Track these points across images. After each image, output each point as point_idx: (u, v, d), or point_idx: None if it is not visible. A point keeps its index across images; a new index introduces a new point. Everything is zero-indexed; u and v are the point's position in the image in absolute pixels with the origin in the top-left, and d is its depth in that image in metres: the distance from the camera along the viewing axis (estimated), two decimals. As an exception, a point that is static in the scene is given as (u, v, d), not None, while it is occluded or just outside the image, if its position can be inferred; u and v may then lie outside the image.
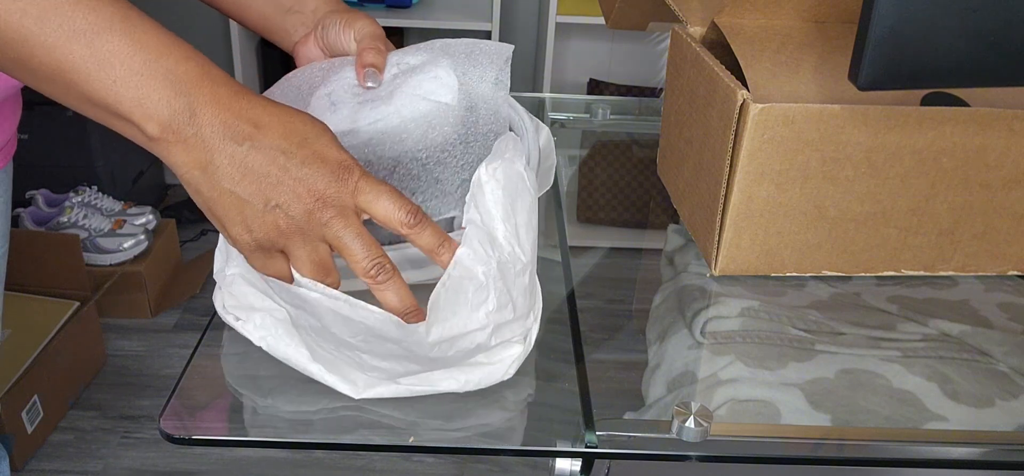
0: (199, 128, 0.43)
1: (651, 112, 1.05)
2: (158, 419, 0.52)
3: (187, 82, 0.43)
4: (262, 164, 0.44)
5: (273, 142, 0.44)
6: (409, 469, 1.53)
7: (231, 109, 0.43)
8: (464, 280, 0.49)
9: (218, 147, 0.43)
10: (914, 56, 0.52)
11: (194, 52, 0.44)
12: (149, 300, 1.88)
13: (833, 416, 0.55)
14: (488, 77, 0.60)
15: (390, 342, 0.49)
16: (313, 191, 0.44)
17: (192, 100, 0.43)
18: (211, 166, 0.43)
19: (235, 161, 0.43)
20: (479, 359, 0.54)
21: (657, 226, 0.82)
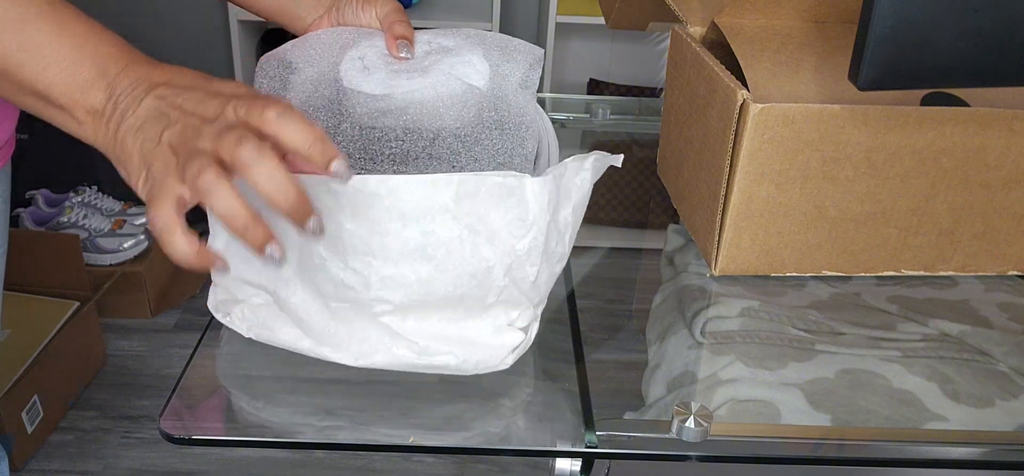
0: (115, 99, 0.44)
1: (651, 112, 1.04)
2: (158, 419, 0.52)
3: (110, 62, 0.44)
4: (161, 108, 0.43)
5: (176, 90, 0.44)
6: (409, 469, 1.53)
7: (146, 77, 0.44)
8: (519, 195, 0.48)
9: (129, 107, 0.44)
10: (914, 56, 0.52)
11: (117, 38, 0.46)
12: (149, 300, 1.88)
13: (833, 416, 0.55)
14: (517, 74, 0.61)
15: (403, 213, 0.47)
16: (204, 116, 0.42)
17: (111, 79, 0.44)
18: (121, 127, 0.44)
19: (139, 114, 0.43)
20: (481, 337, 0.53)
21: (657, 226, 0.82)
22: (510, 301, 0.53)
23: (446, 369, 0.54)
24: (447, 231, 0.48)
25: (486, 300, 0.51)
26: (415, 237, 0.48)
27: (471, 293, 0.51)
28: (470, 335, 0.53)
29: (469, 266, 0.49)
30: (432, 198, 0.47)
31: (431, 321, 0.52)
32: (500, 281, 0.50)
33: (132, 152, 0.43)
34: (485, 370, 0.54)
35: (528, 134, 0.58)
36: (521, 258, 0.50)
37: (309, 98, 0.57)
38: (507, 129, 0.57)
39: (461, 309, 0.52)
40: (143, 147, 0.43)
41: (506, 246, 0.49)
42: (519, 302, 0.53)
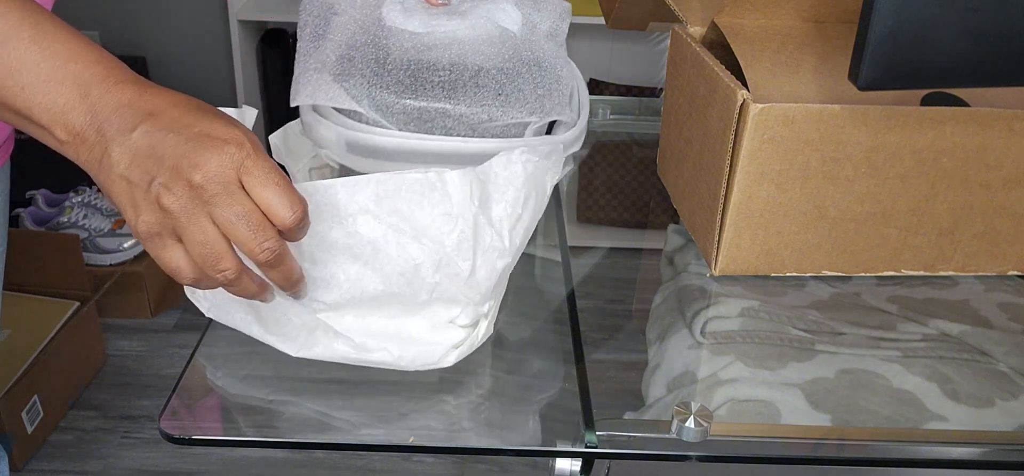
0: (99, 126, 0.43)
1: (651, 112, 1.04)
2: (158, 419, 0.52)
3: (92, 84, 0.43)
4: (149, 146, 0.42)
5: (164, 125, 0.43)
6: (409, 469, 1.53)
7: (129, 104, 0.43)
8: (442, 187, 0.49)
9: (114, 138, 0.43)
10: (914, 56, 0.52)
11: (102, 55, 0.44)
12: (149, 300, 1.88)
13: (833, 416, 0.55)
14: (546, 24, 0.65)
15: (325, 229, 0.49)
16: (194, 164, 0.42)
17: (94, 101, 0.43)
18: (107, 157, 0.43)
19: (127, 148, 0.42)
20: (420, 334, 0.54)
21: (657, 226, 0.82)
22: (447, 298, 0.53)
23: (384, 365, 0.54)
24: (370, 231, 0.49)
25: (418, 297, 0.52)
26: (341, 238, 0.49)
27: (402, 291, 0.51)
28: (408, 332, 0.54)
29: (396, 264, 0.50)
30: (353, 199, 0.48)
31: (371, 319, 0.53)
32: (431, 278, 0.51)
33: (121, 192, 0.43)
34: (424, 367, 0.54)
35: (563, 74, 0.63)
36: (450, 253, 0.50)
37: (353, 36, 0.60)
38: (545, 68, 0.61)
39: (396, 306, 0.53)
40: (132, 192, 0.43)
41: (434, 242, 0.50)
42: (457, 299, 0.53)
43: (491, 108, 0.58)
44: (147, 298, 1.88)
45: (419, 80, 0.58)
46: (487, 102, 0.58)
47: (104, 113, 0.43)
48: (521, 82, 0.60)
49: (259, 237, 0.43)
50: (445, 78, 0.58)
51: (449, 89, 0.58)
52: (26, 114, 0.43)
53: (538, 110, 0.60)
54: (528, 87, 0.60)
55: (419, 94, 0.57)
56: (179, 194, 0.42)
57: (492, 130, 0.59)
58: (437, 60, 0.58)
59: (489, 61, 0.59)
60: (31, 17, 0.43)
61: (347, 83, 0.58)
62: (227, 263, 0.44)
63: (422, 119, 0.58)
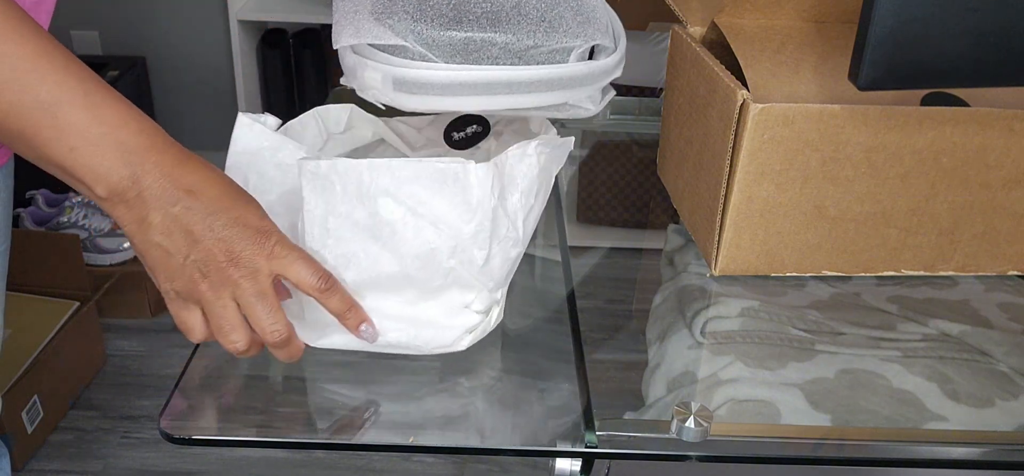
0: (140, 191, 0.47)
1: (651, 112, 1.04)
2: (158, 419, 0.52)
3: (136, 153, 0.47)
4: (188, 223, 0.48)
5: (203, 206, 0.48)
6: (409, 469, 1.53)
7: (170, 176, 0.48)
8: (464, 178, 0.51)
9: (154, 206, 0.47)
10: (914, 56, 0.52)
11: (147, 124, 0.48)
12: (149, 300, 1.88)
13: (833, 416, 0.55)
14: None
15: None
16: (228, 251, 0.48)
17: (137, 169, 0.47)
18: (145, 222, 0.48)
19: (167, 219, 0.48)
20: (435, 318, 0.56)
21: (657, 226, 0.82)
22: (462, 283, 0.55)
23: (399, 347, 0.56)
24: (390, 212, 0.51)
25: (433, 282, 0.54)
26: (363, 218, 0.52)
27: (417, 274, 0.53)
28: (424, 316, 0.55)
29: (413, 247, 0.52)
30: (375, 181, 0.51)
31: (387, 302, 0.55)
32: (446, 263, 0.53)
33: (156, 257, 0.49)
34: (439, 350, 0.56)
35: (599, 2, 0.62)
36: (467, 242, 0.53)
37: None
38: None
39: (413, 290, 0.55)
40: (168, 260, 0.49)
41: (452, 229, 0.52)
42: (471, 285, 0.55)
43: (535, 35, 0.58)
44: (147, 298, 1.88)
45: (461, 12, 0.58)
46: (531, 29, 0.58)
47: (146, 182, 0.47)
48: (561, 9, 0.59)
49: (272, 320, 0.50)
50: (487, 9, 0.58)
51: (492, 19, 0.58)
52: (70, 172, 0.47)
53: (581, 35, 0.60)
54: (569, 14, 0.59)
55: (463, 25, 0.57)
56: (211, 274, 0.48)
57: (537, 57, 0.59)
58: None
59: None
60: (83, 84, 0.46)
61: (389, 21, 0.57)
62: (238, 336, 0.50)
63: (468, 50, 0.57)
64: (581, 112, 0.63)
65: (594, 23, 0.61)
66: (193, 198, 0.48)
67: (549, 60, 0.59)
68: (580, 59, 0.61)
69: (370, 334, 0.54)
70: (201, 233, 0.48)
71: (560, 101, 0.60)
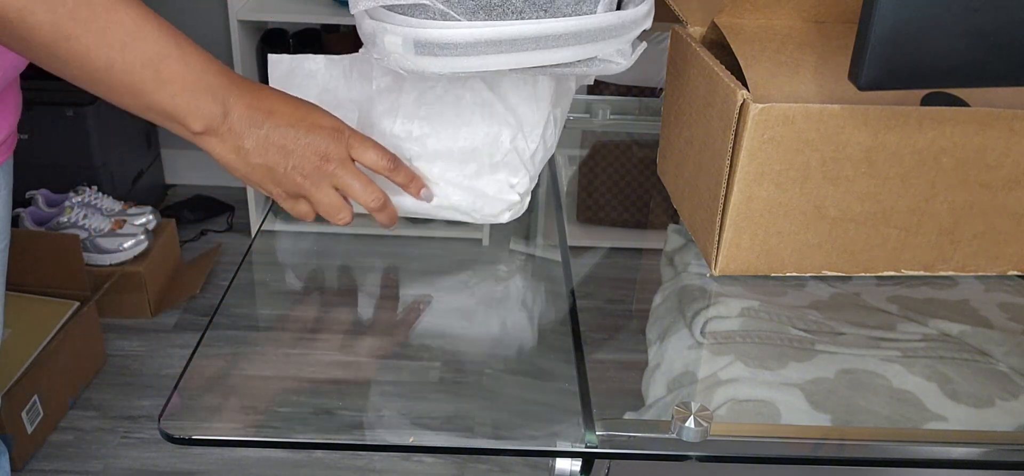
0: (231, 124, 0.57)
1: (651, 112, 1.04)
2: (158, 419, 0.52)
3: (221, 90, 0.57)
4: (278, 139, 0.59)
5: (284, 122, 0.59)
6: (409, 469, 1.53)
7: (251, 104, 0.58)
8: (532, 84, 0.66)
9: (246, 133, 0.58)
10: (914, 56, 0.52)
11: (225, 67, 0.58)
12: (149, 300, 1.88)
13: (833, 416, 0.55)
14: None
15: None
16: (318, 151, 0.60)
17: (226, 104, 0.57)
18: (242, 149, 0.58)
19: (259, 141, 0.58)
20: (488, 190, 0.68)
21: (657, 226, 0.82)
22: (512, 166, 0.68)
23: (458, 210, 0.69)
24: (475, 96, 0.65)
25: (494, 158, 0.67)
26: (452, 99, 0.65)
27: (483, 148, 0.66)
28: (480, 187, 0.68)
29: (484, 127, 0.66)
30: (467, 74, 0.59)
31: (453, 171, 0.67)
32: (506, 145, 0.66)
33: (262, 174, 0.60)
34: (487, 220, 0.69)
35: None
36: (525, 132, 0.67)
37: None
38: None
39: (474, 164, 0.67)
40: (272, 173, 0.60)
41: (517, 120, 0.66)
42: (519, 169, 0.68)
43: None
44: (147, 298, 1.88)
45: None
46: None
47: (235, 114, 0.57)
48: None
49: (369, 193, 0.63)
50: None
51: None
52: (172, 114, 0.56)
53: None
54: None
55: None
56: (309, 173, 0.60)
57: (563, 8, 0.56)
58: None
59: None
60: (176, 38, 0.55)
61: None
62: (345, 214, 0.63)
63: (491, 6, 0.55)
64: (611, 67, 0.61)
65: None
66: (274, 118, 0.58)
67: (576, 11, 0.57)
68: (608, 8, 0.58)
69: (428, 196, 0.67)
70: (291, 145, 0.59)
71: (590, 55, 0.59)
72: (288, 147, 0.59)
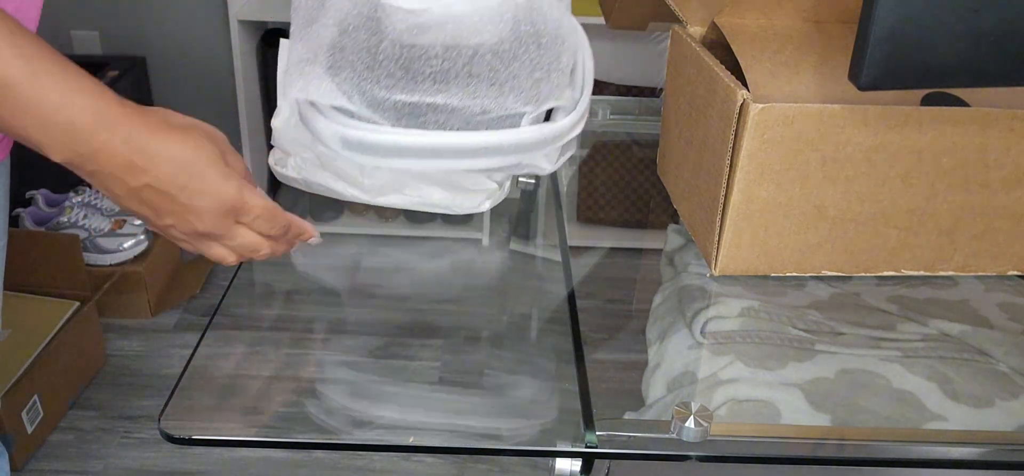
0: (96, 167, 0.49)
1: (651, 112, 1.04)
2: (158, 419, 0.52)
3: (84, 131, 0.47)
4: (149, 199, 0.50)
5: (162, 182, 0.50)
6: (409, 469, 1.53)
7: (119, 155, 0.48)
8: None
9: (112, 180, 0.49)
10: (914, 56, 0.52)
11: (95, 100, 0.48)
12: (149, 300, 1.88)
13: (833, 416, 0.55)
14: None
15: None
16: (194, 229, 0.52)
17: (86, 147, 0.48)
18: (110, 191, 0.50)
19: (128, 192, 0.50)
20: (465, 182, 0.64)
21: (657, 226, 0.82)
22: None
23: (440, 206, 0.63)
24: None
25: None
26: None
27: None
28: (457, 180, 0.64)
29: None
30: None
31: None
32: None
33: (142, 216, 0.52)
34: (467, 211, 0.64)
35: (565, 48, 0.61)
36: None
37: (346, 18, 0.58)
38: (544, 44, 0.59)
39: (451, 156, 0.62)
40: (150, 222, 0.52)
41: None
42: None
43: (484, 99, 0.57)
44: (147, 298, 1.88)
45: (411, 72, 0.57)
46: (480, 94, 0.57)
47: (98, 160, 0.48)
48: (517, 66, 0.58)
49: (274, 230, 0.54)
50: (437, 68, 0.57)
51: (442, 80, 0.57)
52: (31, 143, 0.48)
53: (533, 99, 0.59)
54: (524, 72, 0.58)
55: (411, 88, 0.57)
56: (192, 238, 0.52)
57: (487, 122, 0.58)
58: (431, 45, 0.57)
59: (486, 39, 0.58)
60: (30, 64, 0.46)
61: (338, 77, 0.57)
62: (264, 251, 0.54)
63: (415, 114, 0.58)
64: (537, 170, 0.63)
65: (553, 79, 0.60)
66: (151, 174, 0.49)
67: (499, 124, 0.59)
68: (535, 121, 0.60)
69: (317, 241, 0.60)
70: (165, 208, 0.50)
71: (513, 163, 0.60)
72: (161, 210, 0.51)
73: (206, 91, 2.32)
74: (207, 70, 2.30)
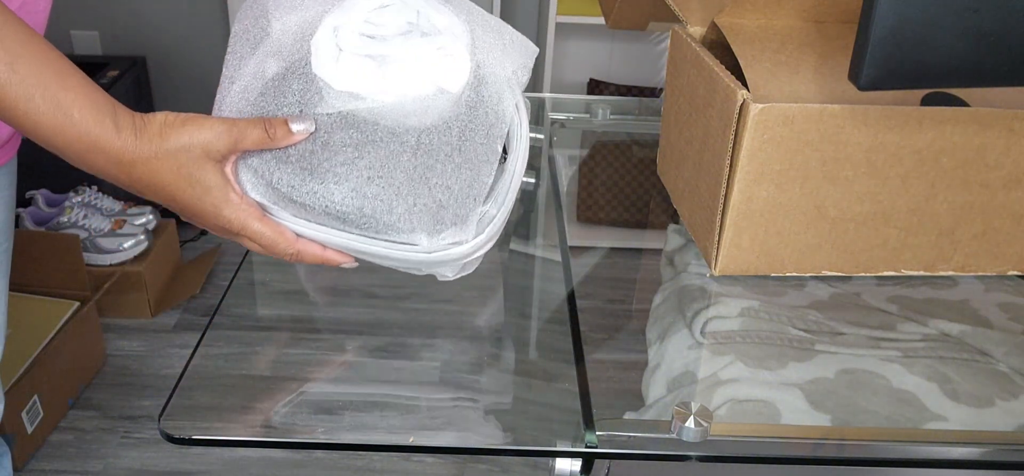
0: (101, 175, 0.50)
1: (651, 112, 1.05)
2: (158, 419, 0.52)
3: (80, 154, 0.49)
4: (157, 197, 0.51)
5: (160, 200, 0.51)
6: (409, 469, 1.53)
7: (116, 178, 0.50)
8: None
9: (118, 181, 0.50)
10: (914, 56, 0.52)
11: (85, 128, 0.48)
12: (149, 300, 1.88)
13: (833, 416, 0.55)
14: (506, 70, 0.58)
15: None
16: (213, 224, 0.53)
17: (88, 165, 0.50)
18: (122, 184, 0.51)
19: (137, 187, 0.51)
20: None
21: (657, 226, 0.82)
22: None
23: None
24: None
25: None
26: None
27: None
28: None
29: None
30: None
31: None
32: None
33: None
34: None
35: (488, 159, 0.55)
36: None
37: (272, 81, 0.54)
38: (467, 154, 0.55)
39: None
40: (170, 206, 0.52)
41: None
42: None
43: (375, 222, 0.53)
44: (147, 298, 1.88)
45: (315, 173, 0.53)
46: (373, 215, 0.53)
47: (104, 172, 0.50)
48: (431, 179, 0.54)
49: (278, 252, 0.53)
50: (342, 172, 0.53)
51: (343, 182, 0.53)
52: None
53: (430, 229, 0.54)
54: (426, 194, 0.54)
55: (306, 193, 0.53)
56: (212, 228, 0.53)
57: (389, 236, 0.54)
58: (343, 142, 0.53)
59: (409, 140, 0.53)
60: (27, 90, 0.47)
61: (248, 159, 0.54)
62: (290, 252, 0.54)
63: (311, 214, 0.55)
64: (439, 276, 0.59)
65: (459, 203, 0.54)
66: (146, 193, 0.51)
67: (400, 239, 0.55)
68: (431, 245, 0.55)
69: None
70: (173, 208, 0.52)
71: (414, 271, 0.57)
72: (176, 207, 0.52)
73: (206, 91, 2.32)
74: (207, 70, 2.30)
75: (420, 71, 0.54)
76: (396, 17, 0.56)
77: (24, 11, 0.66)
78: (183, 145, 0.50)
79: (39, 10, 0.69)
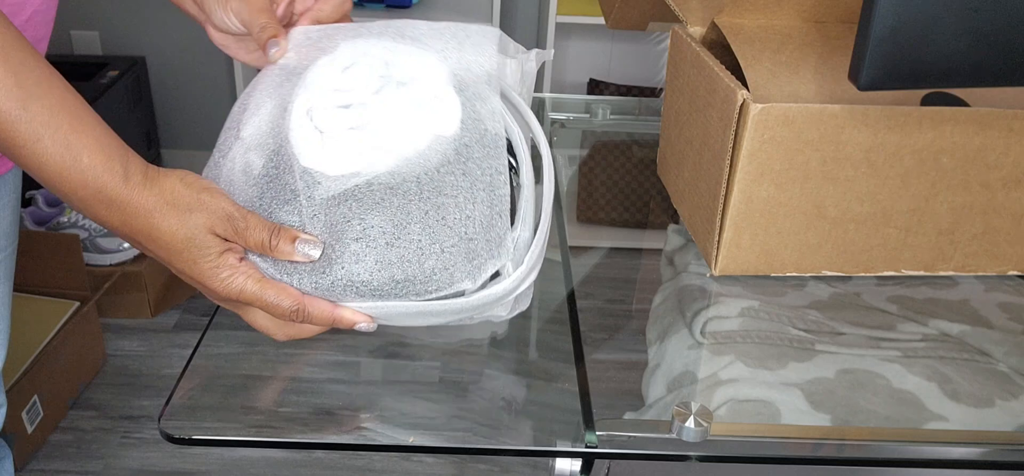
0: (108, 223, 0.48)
1: (651, 112, 1.05)
2: (158, 419, 0.52)
3: (81, 202, 0.47)
4: (156, 255, 0.49)
5: (159, 260, 0.50)
6: (409, 469, 1.53)
7: (116, 228, 0.48)
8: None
9: (119, 234, 0.49)
10: (914, 56, 0.52)
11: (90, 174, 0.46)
12: (149, 300, 1.88)
13: (833, 416, 0.55)
14: (482, 69, 0.55)
15: None
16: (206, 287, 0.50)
17: (89, 213, 0.48)
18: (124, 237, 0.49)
19: (137, 242, 0.49)
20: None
21: (657, 226, 0.82)
22: None
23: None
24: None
25: None
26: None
27: None
28: None
29: None
30: None
31: None
32: None
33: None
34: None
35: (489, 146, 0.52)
36: None
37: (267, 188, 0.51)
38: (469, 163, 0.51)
39: None
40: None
41: None
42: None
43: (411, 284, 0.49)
44: (147, 298, 1.88)
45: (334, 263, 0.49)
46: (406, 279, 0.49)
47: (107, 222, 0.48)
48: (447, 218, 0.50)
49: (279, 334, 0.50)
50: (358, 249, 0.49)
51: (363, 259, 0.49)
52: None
53: (468, 269, 0.50)
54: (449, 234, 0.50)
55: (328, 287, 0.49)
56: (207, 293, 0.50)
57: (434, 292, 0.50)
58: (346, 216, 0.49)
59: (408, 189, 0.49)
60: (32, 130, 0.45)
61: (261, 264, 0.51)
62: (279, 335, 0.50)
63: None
64: (493, 319, 0.55)
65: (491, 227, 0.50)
66: (146, 249, 0.49)
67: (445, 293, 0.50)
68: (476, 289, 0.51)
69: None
70: (174, 267, 0.50)
71: (465, 321, 0.53)
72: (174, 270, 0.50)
73: (206, 91, 2.33)
74: (207, 70, 2.30)
75: (411, 124, 0.51)
76: (366, 74, 0.52)
77: (36, 19, 0.66)
78: (189, 205, 0.48)
79: (48, 21, 0.69)
